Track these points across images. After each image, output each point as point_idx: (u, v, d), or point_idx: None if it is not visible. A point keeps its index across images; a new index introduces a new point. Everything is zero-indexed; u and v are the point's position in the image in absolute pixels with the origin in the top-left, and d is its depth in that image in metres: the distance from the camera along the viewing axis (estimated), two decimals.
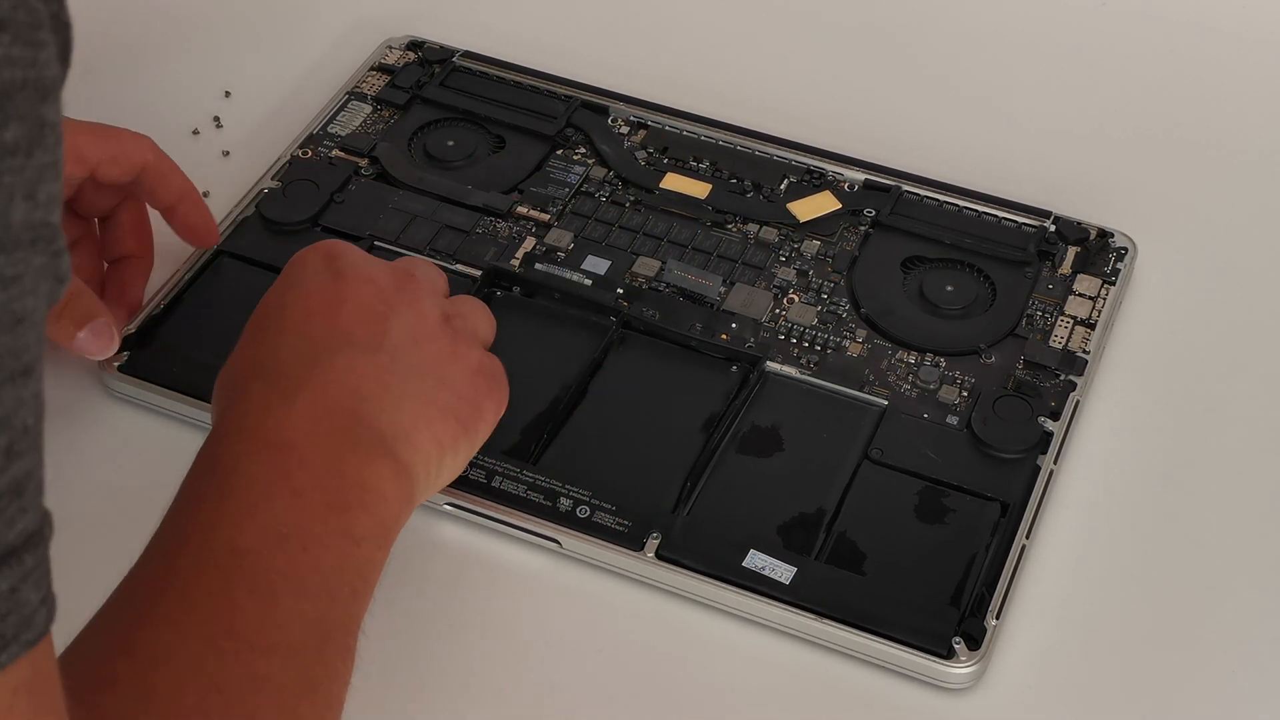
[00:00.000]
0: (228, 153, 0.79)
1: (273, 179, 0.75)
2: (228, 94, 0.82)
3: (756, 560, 0.61)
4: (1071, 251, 0.73)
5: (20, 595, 0.37)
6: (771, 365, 0.68)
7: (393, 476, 0.54)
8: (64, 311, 0.64)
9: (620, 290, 0.70)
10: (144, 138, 0.68)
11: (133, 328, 0.68)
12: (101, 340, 0.65)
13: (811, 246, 0.73)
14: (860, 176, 0.76)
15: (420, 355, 0.57)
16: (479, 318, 0.63)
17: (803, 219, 0.74)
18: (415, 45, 0.83)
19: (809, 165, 0.77)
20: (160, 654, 0.47)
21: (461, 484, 0.63)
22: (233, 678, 0.47)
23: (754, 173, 0.76)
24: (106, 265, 0.70)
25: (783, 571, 0.61)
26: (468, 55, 0.82)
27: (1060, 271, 0.72)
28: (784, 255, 0.73)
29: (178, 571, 0.49)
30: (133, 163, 0.67)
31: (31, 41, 0.35)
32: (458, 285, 0.71)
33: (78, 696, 0.42)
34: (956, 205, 0.75)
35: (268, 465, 0.52)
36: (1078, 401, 0.67)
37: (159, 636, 0.47)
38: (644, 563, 0.61)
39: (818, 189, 0.76)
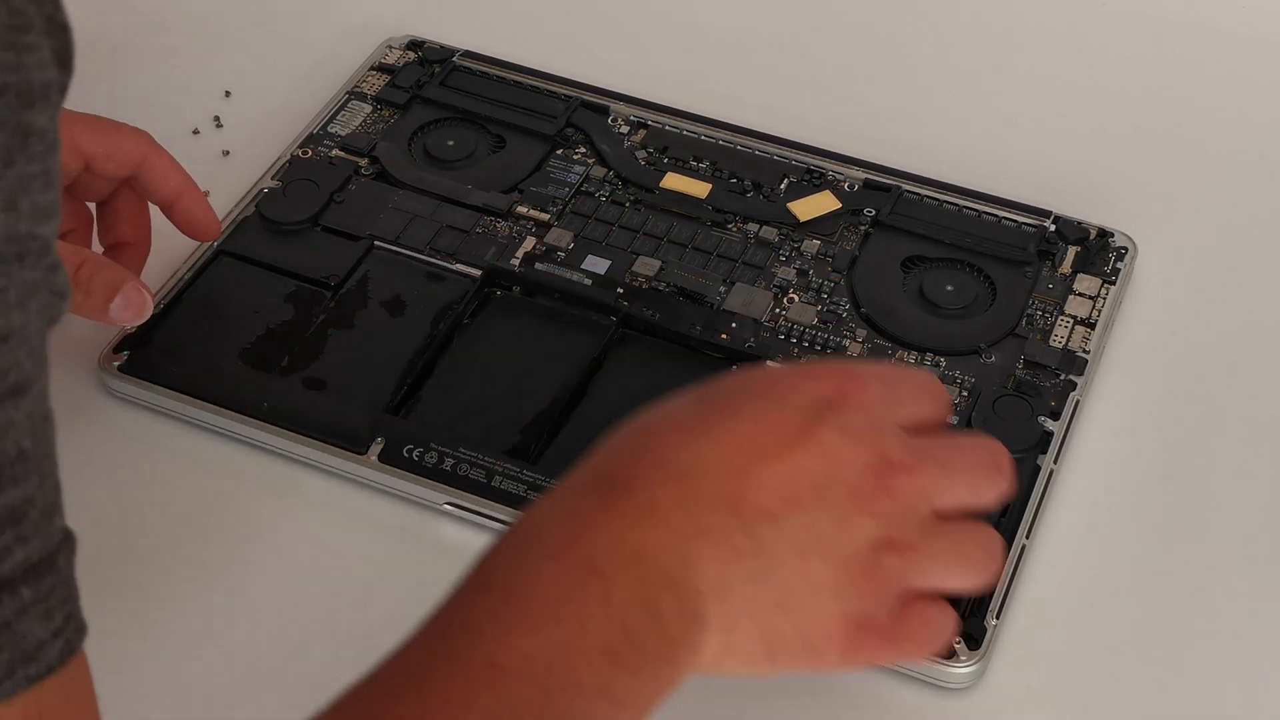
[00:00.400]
0: (228, 152, 0.79)
1: (273, 179, 0.75)
2: (228, 94, 0.82)
3: None
4: (1071, 251, 0.73)
5: (18, 629, 0.35)
6: (772, 365, 0.68)
7: (671, 655, 0.47)
8: (91, 287, 0.63)
9: (620, 290, 0.70)
10: (142, 132, 0.68)
11: (132, 327, 0.68)
12: (134, 305, 0.64)
13: (812, 246, 0.73)
14: (860, 176, 0.76)
15: (795, 569, 0.48)
16: (946, 572, 0.50)
17: (803, 218, 0.74)
18: (415, 45, 0.83)
19: (809, 165, 0.77)
20: None
21: (461, 483, 0.63)
22: None
23: (754, 172, 0.76)
24: (104, 250, 0.70)
25: None
26: (468, 55, 0.82)
27: (1060, 271, 0.72)
28: (784, 255, 0.73)
29: (425, 668, 0.45)
30: (130, 158, 0.67)
31: (13, 45, 0.34)
32: (456, 285, 0.71)
33: None
34: (956, 205, 0.75)
35: (568, 584, 0.46)
36: (1078, 401, 0.67)
37: None
38: None
39: (818, 188, 0.76)
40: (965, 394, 0.67)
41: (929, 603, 0.50)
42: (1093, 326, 0.70)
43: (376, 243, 0.73)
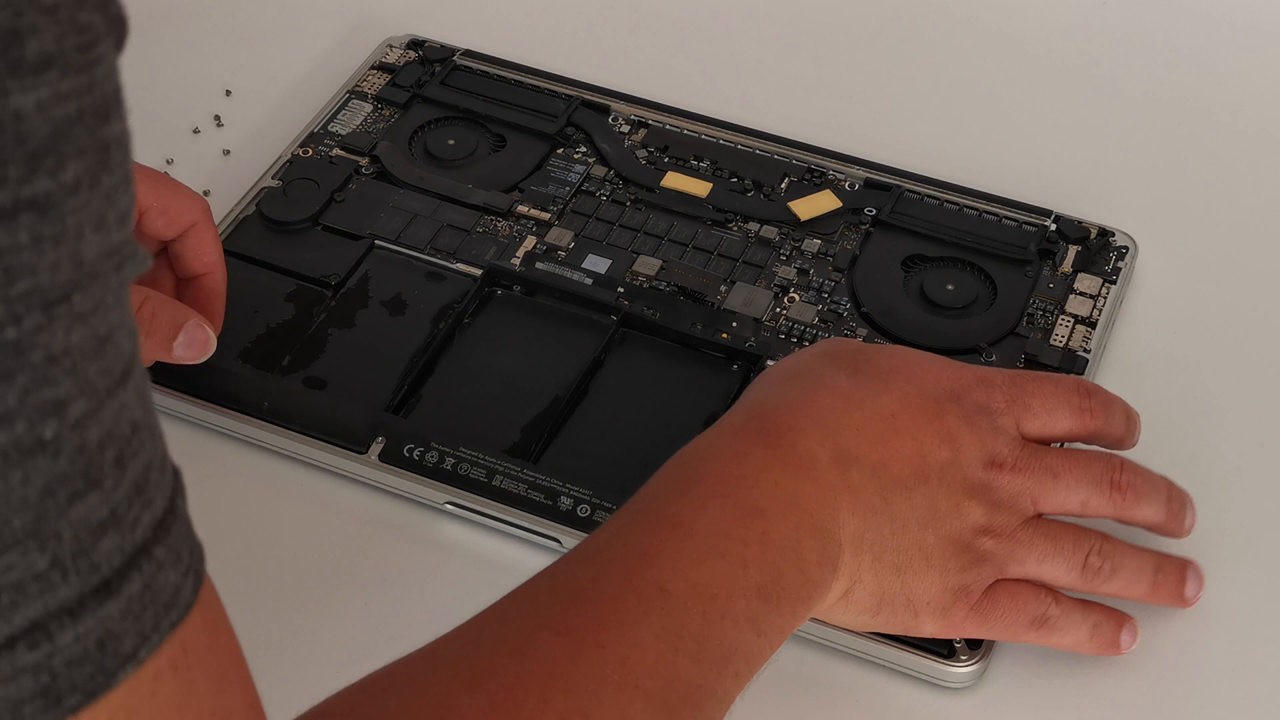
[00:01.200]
0: (228, 151, 0.79)
1: (273, 178, 0.75)
2: (228, 93, 0.82)
3: None
4: (1072, 250, 0.73)
5: (156, 585, 0.35)
6: (772, 364, 0.68)
7: (806, 595, 0.52)
8: (153, 327, 0.62)
9: (621, 289, 0.70)
10: (200, 198, 0.66)
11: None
12: (197, 343, 0.63)
13: (812, 245, 0.73)
14: (861, 175, 0.76)
15: (915, 536, 0.54)
16: (1041, 562, 0.56)
17: (803, 218, 0.74)
18: (416, 44, 0.83)
19: (810, 164, 0.77)
20: (544, 663, 0.46)
21: (461, 483, 0.63)
22: (605, 710, 0.46)
23: (754, 171, 0.76)
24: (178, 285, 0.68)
25: None
26: (468, 54, 0.82)
27: (1061, 270, 0.72)
28: (784, 254, 0.73)
29: (598, 586, 0.49)
30: (182, 220, 0.65)
31: (85, 65, 0.32)
32: (456, 285, 0.71)
33: (439, 693, 0.44)
34: (957, 204, 0.75)
35: (733, 523, 0.51)
36: None
37: (551, 644, 0.47)
38: None
39: (818, 188, 0.76)
40: None
41: (1020, 584, 0.56)
42: (1093, 326, 0.70)
43: (377, 242, 0.73)
